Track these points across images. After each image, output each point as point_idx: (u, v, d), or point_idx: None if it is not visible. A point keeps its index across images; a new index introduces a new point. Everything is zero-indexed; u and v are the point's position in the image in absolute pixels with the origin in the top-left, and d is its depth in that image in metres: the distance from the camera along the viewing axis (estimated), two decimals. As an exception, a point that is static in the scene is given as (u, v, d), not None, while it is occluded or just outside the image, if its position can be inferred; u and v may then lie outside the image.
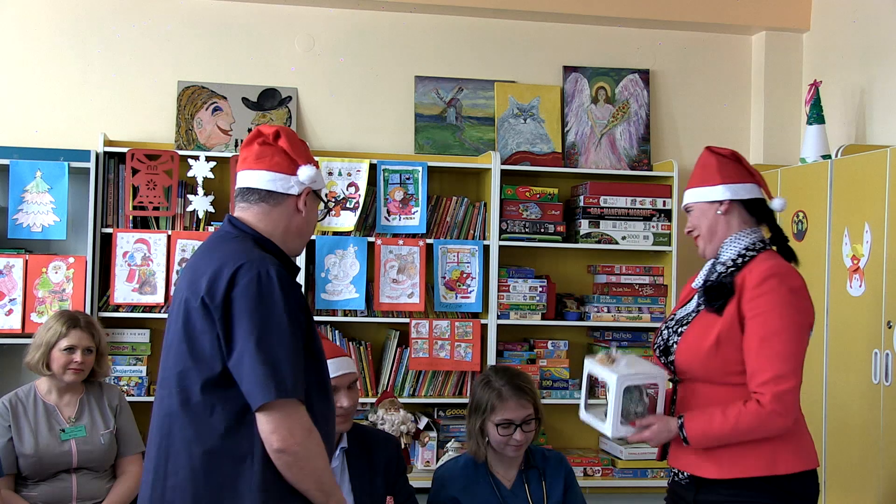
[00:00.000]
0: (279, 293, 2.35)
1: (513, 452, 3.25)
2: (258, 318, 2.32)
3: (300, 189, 2.54)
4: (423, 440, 4.72)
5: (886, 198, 3.89)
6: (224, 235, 2.54)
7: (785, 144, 5.37)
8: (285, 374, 2.30)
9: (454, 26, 5.27)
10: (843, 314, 4.10)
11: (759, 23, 5.39)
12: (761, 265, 2.82)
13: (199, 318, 2.36)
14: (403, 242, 4.83)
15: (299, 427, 2.32)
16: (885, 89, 4.76)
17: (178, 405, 2.38)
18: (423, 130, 5.18)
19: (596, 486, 4.78)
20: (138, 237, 4.62)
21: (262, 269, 2.36)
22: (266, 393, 2.28)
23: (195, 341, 2.37)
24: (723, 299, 2.82)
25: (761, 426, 2.73)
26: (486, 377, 3.37)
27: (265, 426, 2.30)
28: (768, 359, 2.72)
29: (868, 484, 3.95)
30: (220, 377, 2.35)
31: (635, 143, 5.32)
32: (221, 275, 2.36)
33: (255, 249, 2.45)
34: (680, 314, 3.01)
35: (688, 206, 3.03)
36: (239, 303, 2.33)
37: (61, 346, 3.75)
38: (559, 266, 5.22)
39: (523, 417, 3.24)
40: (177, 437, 2.39)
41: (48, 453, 3.72)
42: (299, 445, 2.32)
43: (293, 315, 2.37)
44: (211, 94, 4.96)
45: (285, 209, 2.55)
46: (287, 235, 2.56)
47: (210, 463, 2.35)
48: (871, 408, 3.90)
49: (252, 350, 2.30)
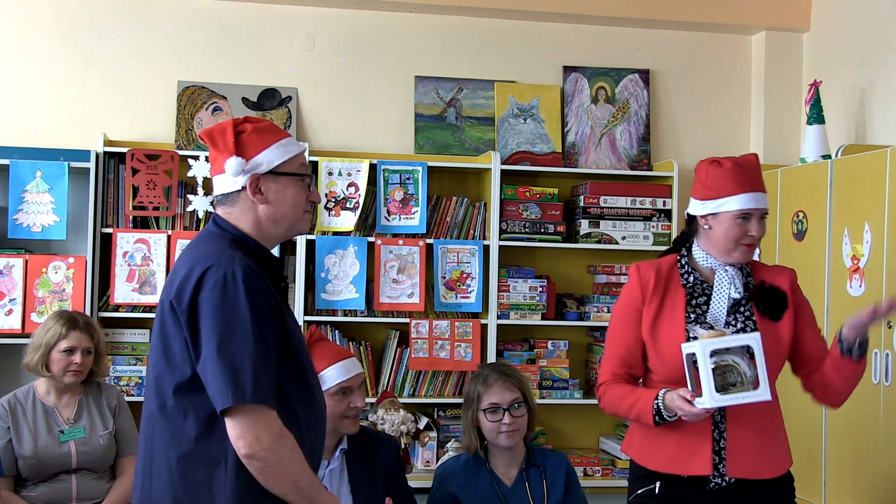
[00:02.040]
0: (244, 295, 2.30)
1: (506, 440, 3.25)
2: (221, 322, 2.27)
3: (244, 180, 2.45)
4: (423, 440, 4.72)
5: (886, 198, 3.89)
6: (206, 234, 2.50)
7: (785, 144, 5.37)
8: (244, 379, 2.25)
9: (454, 26, 5.27)
10: (844, 314, 3.98)
11: (759, 23, 5.39)
12: (782, 271, 3.07)
13: (171, 322, 2.34)
14: (403, 242, 4.83)
15: (266, 432, 2.27)
16: (884, 89, 4.76)
17: (157, 409, 2.37)
18: (423, 130, 5.18)
19: (596, 486, 4.78)
20: (138, 237, 4.63)
21: (229, 271, 2.31)
22: (224, 398, 2.24)
23: (168, 345, 2.35)
24: (783, 307, 2.98)
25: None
26: (476, 372, 3.45)
27: (232, 431, 2.27)
28: (824, 342, 3.06)
29: (868, 483, 3.95)
30: (190, 381, 2.31)
31: (635, 143, 5.32)
32: (190, 277, 2.33)
33: (227, 249, 2.39)
34: (716, 323, 2.96)
35: (765, 212, 2.97)
36: (204, 306, 2.29)
37: (60, 347, 3.76)
38: (559, 266, 5.22)
39: (510, 401, 3.28)
40: (157, 441, 2.37)
41: (47, 454, 3.73)
42: (267, 451, 2.27)
43: (260, 317, 2.32)
44: (211, 94, 4.96)
45: (243, 204, 2.47)
46: (261, 227, 2.49)
47: (185, 467, 2.33)
48: (872, 408, 3.90)
49: (213, 354, 2.26)
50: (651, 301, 3.02)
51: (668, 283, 3.04)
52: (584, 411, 5.17)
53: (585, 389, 5.10)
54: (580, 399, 5.00)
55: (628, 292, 3.07)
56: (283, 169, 2.50)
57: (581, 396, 5.01)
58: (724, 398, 2.75)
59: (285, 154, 2.50)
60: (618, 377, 3.01)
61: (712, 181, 2.95)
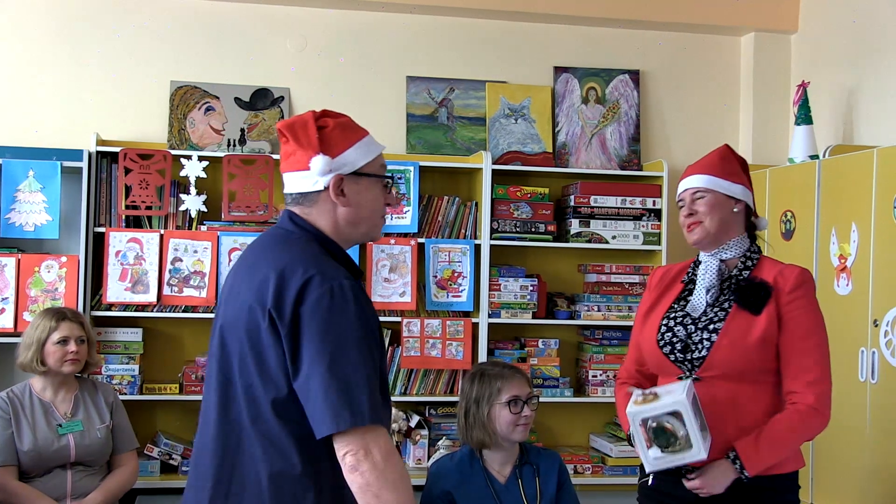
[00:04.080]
0: (353, 310, 2.16)
1: (521, 434, 3.27)
2: (331, 339, 2.12)
3: (326, 181, 2.28)
4: (415, 438, 4.77)
5: (873, 198, 3.92)
6: (286, 235, 2.32)
7: (773, 144, 5.41)
8: (361, 400, 2.10)
9: (445, 27, 5.29)
10: (831, 313, 3.97)
11: (747, 24, 5.42)
12: (792, 269, 2.92)
13: (266, 330, 2.16)
14: (395, 242, 4.85)
15: (378, 449, 2.11)
16: (871, 90, 4.79)
17: (249, 420, 2.20)
18: (414, 130, 5.20)
19: (586, 484, 4.79)
20: (131, 236, 4.63)
21: (336, 283, 2.16)
22: (340, 421, 2.08)
23: (262, 354, 2.18)
24: (764, 301, 2.87)
25: (811, 429, 2.89)
26: (480, 370, 3.41)
27: (342, 449, 2.12)
28: (812, 360, 2.85)
29: (856, 479, 3.98)
30: (287, 398, 2.16)
31: (625, 143, 5.35)
32: (288, 285, 2.16)
33: (322, 257, 2.24)
34: (695, 311, 2.98)
35: (701, 191, 2.97)
36: (309, 320, 2.12)
37: (54, 339, 3.79)
38: (550, 265, 5.24)
39: (528, 394, 3.31)
40: (245, 455, 2.21)
41: (47, 448, 3.75)
42: (375, 466, 2.10)
43: (368, 332, 2.18)
44: (203, 94, 4.97)
45: (323, 206, 2.31)
46: (339, 230, 2.32)
47: (278, 485, 2.18)
48: (859, 405, 3.94)
49: (323, 373, 2.10)
50: (649, 297, 3.13)
51: (674, 279, 3.12)
52: (574, 409, 5.19)
53: (576, 388, 5.13)
54: (570, 397, 5.02)
55: (645, 291, 3.22)
56: (367, 170, 2.34)
57: (571, 395, 5.03)
58: (658, 463, 2.80)
59: (368, 154, 2.34)
60: (631, 374, 3.17)
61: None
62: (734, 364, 2.85)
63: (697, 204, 2.96)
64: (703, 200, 2.96)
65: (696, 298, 3.00)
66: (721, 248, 2.98)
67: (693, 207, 2.97)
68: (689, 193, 2.99)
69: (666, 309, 3.05)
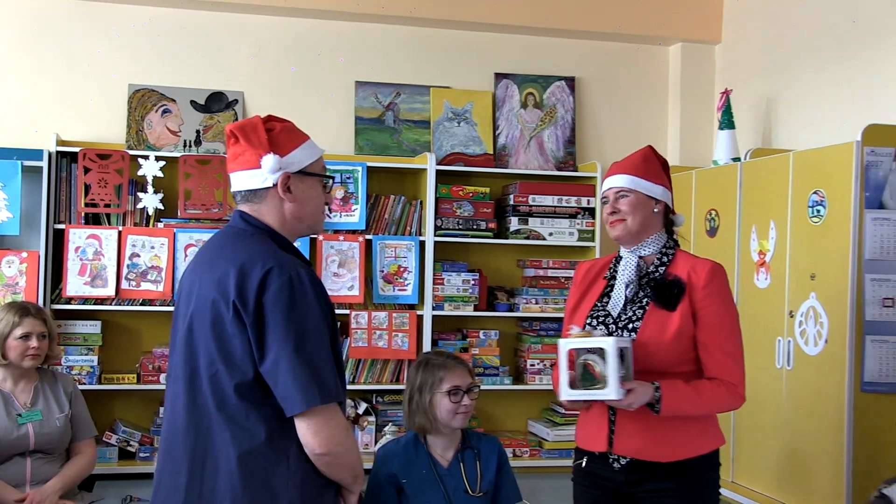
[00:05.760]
0: (313, 296, 2.28)
1: (461, 421, 3.31)
2: (295, 324, 2.24)
3: (275, 178, 2.40)
4: (362, 424, 4.84)
5: (790, 197, 3.99)
6: (239, 232, 2.44)
7: (699, 147, 5.54)
8: (327, 378, 2.25)
9: (393, 35, 5.35)
10: (751, 305, 4.16)
11: (675, 35, 5.54)
12: (703, 265, 2.98)
13: (230, 321, 2.27)
14: (344, 238, 4.91)
15: (340, 429, 2.29)
16: (788, 98, 4.89)
17: (215, 407, 2.30)
18: (362, 132, 5.26)
19: (524, 467, 4.82)
20: (90, 233, 4.65)
21: (294, 273, 2.28)
22: (310, 398, 2.22)
23: (226, 343, 2.28)
24: (678, 298, 2.94)
25: (727, 404, 2.97)
26: (425, 359, 3.44)
27: (306, 431, 2.26)
28: (728, 350, 2.95)
29: (773, 458, 4.07)
30: (253, 382, 2.27)
31: (562, 146, 5.43)
32: (249, 278, 2.27)
33: (277, 250, 2.36)
34: (613, 310, 3.04)
35: (625, 191, 3.02)
36: (272, 308, 2.24)
37: (16, 334, 3.81)
38: (491, 261, 5.33)
39: (468, 384, 3.33)
40: (216, 439, 2.31)
41: (6, 437, 3.76)
42: (341, 446, 2.29)
43: (326, 317, 2.32)
44: (160, 97, 5.01)
45: (271, 202, 2.43)
46: (286, 225, 2.45)
47: (248, 465, 2.28)
48: (775, 390, 4.01)
49: (290, 356, 2.22)
50: (576, 292, 3.22)
51: (597, 275, 3.19)
52: (513, 396, 5.29)
53: (515, 376, 5.20)
54: (510, 385, 5.12)
55: (572, 286, 3.29)
56: (311, 169, 2.48)
57: (511, 383, 5.12)
58: (574, 393, 2.89)
59: (312, 155, 2.48)
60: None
61: None
62: (653, 359, 2.92)
63: (621, 203, 3.02)
64: (626, 200, 3.02)
65: (615, 296, 3.06)
66: (640, 245, 3.05)
67: (616, 206, 3.03)
68: (612, 192, 3.05)
69: (590, 307, 3.11)
